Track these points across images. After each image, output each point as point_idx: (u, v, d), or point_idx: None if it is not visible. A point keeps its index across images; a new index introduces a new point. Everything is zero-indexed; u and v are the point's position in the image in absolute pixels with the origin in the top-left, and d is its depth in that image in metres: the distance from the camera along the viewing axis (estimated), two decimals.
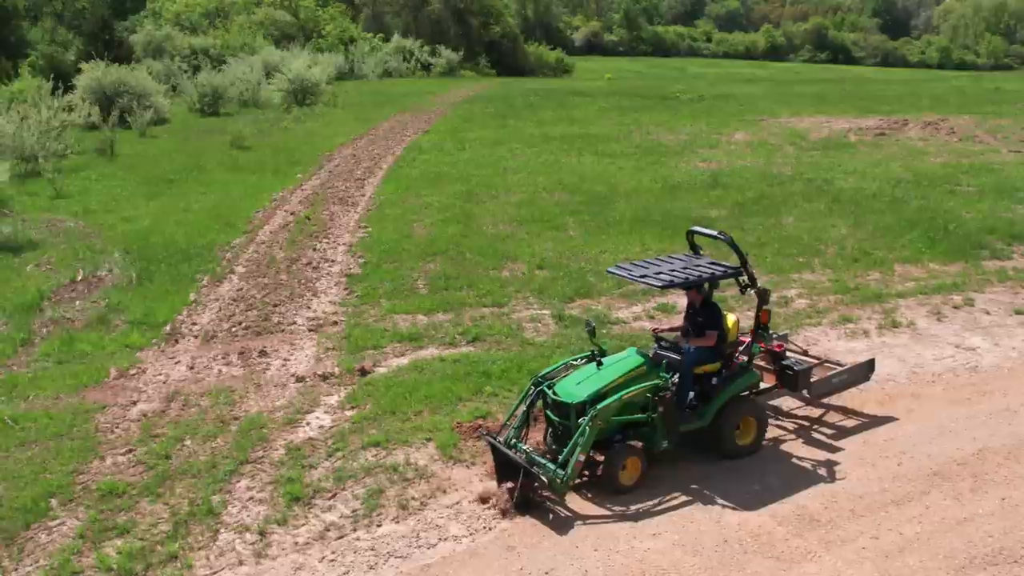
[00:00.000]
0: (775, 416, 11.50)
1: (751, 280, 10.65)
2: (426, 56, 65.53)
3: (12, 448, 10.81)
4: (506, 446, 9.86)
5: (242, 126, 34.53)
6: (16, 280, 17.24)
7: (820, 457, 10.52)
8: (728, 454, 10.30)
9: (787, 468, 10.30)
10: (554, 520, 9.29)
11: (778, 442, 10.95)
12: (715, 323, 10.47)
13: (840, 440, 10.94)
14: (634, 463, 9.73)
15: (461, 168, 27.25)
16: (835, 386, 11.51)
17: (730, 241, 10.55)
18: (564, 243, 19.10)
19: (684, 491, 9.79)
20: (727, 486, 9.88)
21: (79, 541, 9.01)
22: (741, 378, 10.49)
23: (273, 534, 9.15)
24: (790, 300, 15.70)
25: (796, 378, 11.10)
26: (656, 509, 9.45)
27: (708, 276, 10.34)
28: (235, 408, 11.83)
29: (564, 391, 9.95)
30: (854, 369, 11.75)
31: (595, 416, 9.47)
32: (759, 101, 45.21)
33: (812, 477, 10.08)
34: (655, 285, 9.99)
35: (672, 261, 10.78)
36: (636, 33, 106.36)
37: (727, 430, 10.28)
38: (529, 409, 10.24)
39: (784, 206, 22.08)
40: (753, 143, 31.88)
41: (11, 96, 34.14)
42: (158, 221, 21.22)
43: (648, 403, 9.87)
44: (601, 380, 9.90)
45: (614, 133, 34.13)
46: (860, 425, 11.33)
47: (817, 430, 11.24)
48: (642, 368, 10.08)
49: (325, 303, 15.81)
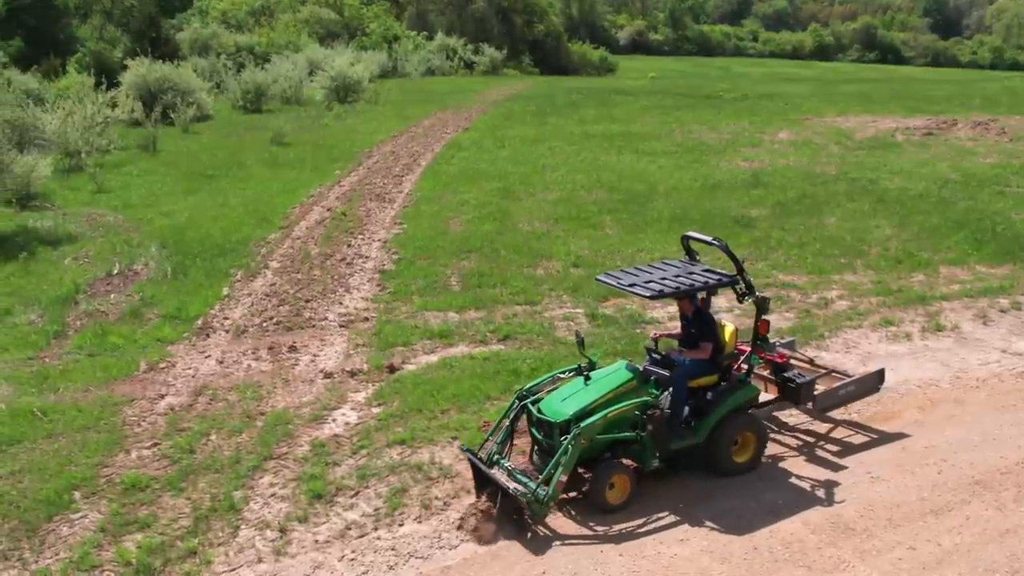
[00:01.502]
0: (811, 420, 11.17)
1: (749, 288, 10.09)
2: (469, 54, 65.41)
3: (39, 440, 10.82)
4: (488, 462, 9.45)
5: (283, 123, 34.61)
6: (54, 273, 17.35)
7: (856, 463, 10.18)
8: (725, 472, 9.77)
9: (821, 474, 9.98)
10: (578, 524, 9.08)
11: (813, 447, 10.64)
12: (709, 335, 9.95)
13: (878, 446, 10.60)
14: (622, 481, 9.26)
15: (500, 165, 27.07)
16: (841, 398, 10.88)
17: (725, 248, 10.04)
18: (600, 241, 18.85)
19: (711, 497, 9.54)
20: (759, 492, 9.61)
21: (100, 534, 8.97)
22: (738, 392, 9.94)
23: (293, 531, 9.04)
24: (830, 301, 15.33)
25: (798, 391, 10.53)
26: (680, 520, 9.20)
27: (701, 285, 9.74)
28: (262, 403, 11.76)
29: (549, 408, 9.48)
30: (863, 380, 11.13)
31: (579, 434, 8.99)
32: (804, 100, 44.53)
33: (847, 484, 9.75)
34: (644, 295, 9.54)
35: (666, 268, 10.17)
36: (681, 32, 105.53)
37: (724, 447, 9.74)
38: (512, 424, 9.79)
39: (827, 206, 21.65)
40: (797, 142, 31.37)
41: (58, 92, 34.51)
42: (195, 216, 21.28)
43: (638, 420, 9.39)
44: (587, 397, 9.41)
45: (655, 131, 33.76)
46: (899, 431, 10.95)
47: (854, 435, 10.90)
48: (631, 383, 9.59)
49: (357, 299, 15.71)
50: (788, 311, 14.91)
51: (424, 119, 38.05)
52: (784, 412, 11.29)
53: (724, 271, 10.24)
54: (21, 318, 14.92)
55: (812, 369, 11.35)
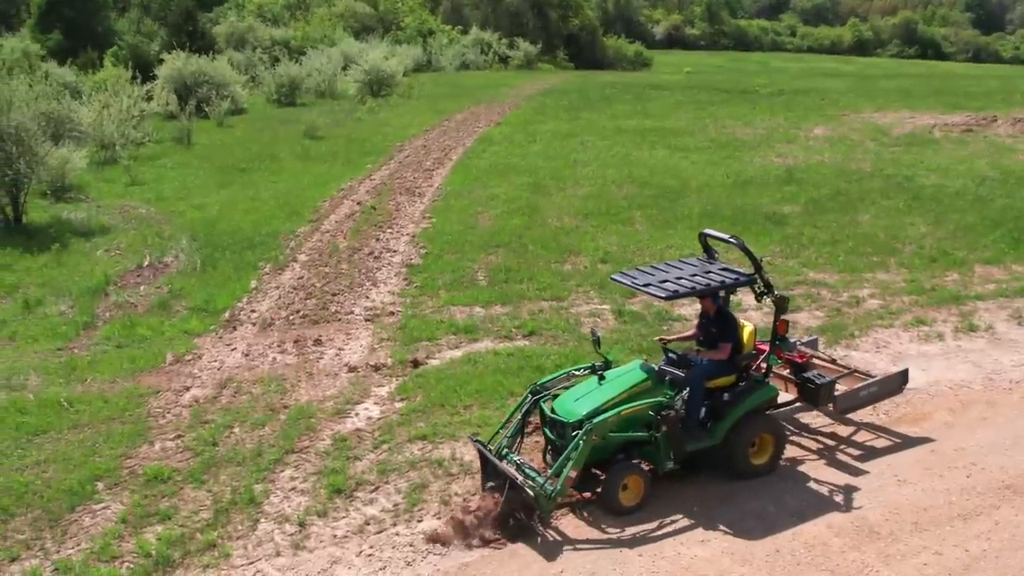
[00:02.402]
0: (838, 421, 10.98)
1: (767, 287, 9.89)
2: (504, 49, 65.23)
3: (65, 430, 10.91)
4: (497, 455, 9.29)
5: (316, 116, 34.73)
6: (85, 264, 17.51)
7: (883, 466, 10.00)
8: (742, 474, 9.56)
9: (846, 476, 9.81)
10: (596, 525, 8.99)
11: (839, 449, 10.47)
12: (729, 334, 9.73)
13: (906, 449, 10.40)
14: (636, 483, 9.09)
15: (530, 160, 26.97)
16: (863, 400, 10.62)
17: (742, 245, 9.82)
18: (629, 237, 18.71)
19: (733, 498, 9.41)
20: (782, 493, 9.47)
21: (121, 525, 9.02)
22: (756, 392, 9.72)
23: (312, 526, 9.03)
24: (862, 300, 15.10)
25: (818, 391, 10.30)
26: (701, 521, 9.08)
27: (718, 284, 9.54)
28: (285, 396, 11.78)
29: (562, 408, 9.33)
30: (885, 381, 10.85)
31: (591, 429, 8.84)
32: (842, 96, 43.99)
33: (873, 486, 9.57)
34: (659, 296, 9.34)
35: (682, 267, 9.96)
36: (718, 27, 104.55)
37: (740, 448, 9.53)
38: (524, 418, 9.68)
39: (861, 203, 21.35)
40: (832, 138, 30.99)
41: (94, 85, 34.80)
42: (227, 209, 21.39)
43: (652, 420, 9.20)
44: (601, 397, 9.26)
45: (689, 127, 33.50)
46: (929, 433, 10.75)
47: (882, 437, 10.71)
48: (646, 383, 9.42)
49: (384, 293, 15.70)
50: (818, 309, 14.71)
51: (457, 113, 38.01)
52: (810, 413, 11.12)
53: (742, 270, 10.04)
54: (52, 309, 15.07)
55: (834, 369, 11.10)
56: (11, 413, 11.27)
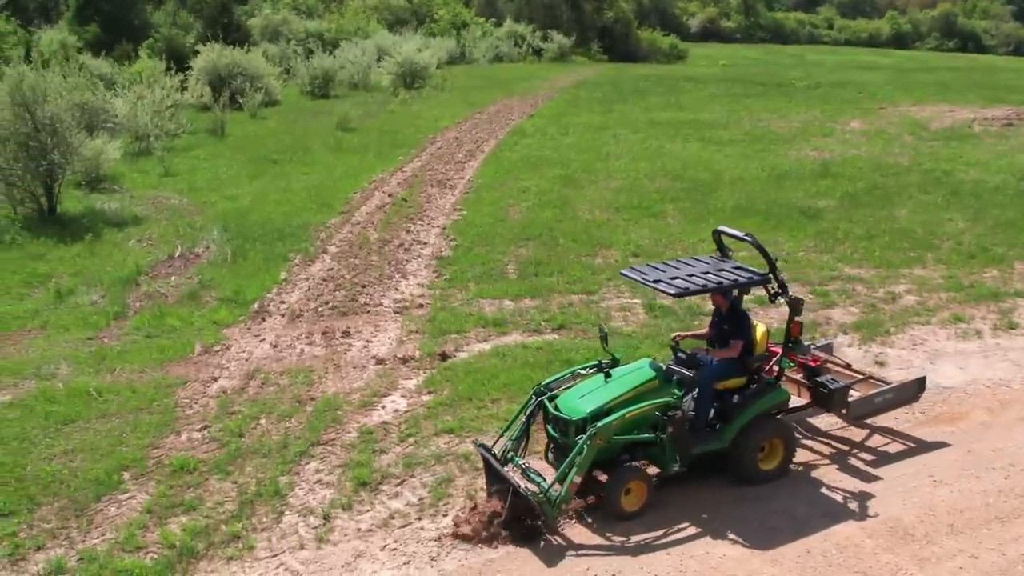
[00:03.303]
0: (876, 421, 10.75)
1: (781, 288, 9.59)
2: (538, 41, 64.97)
3: (93, 419, 10.94)
4: (502, 459, 9.09)
5: (349, 108, 34.73)
6: (117, 254, 17.59)
7: (918, 466, 9.77)
8: (749, 480, 9.28)
9: (880, 476, 9.60)
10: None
11: (871, 448, 10.26)
12: (741, 333, 9.44)
13: (942, 449, 10.16)
14: (639, 487, 8.84)
15: (563, 153, 26.80)
16: (877, 406, 10.26)
17: (756, 243, 9.55)
18: (661, 231, 18.52)
19: (764, 497, 9.24)
20: (814, 493, 9.30)
21: (146, 516, 9.02)
22: (767, 395, 9.42)
23: (337, 519, 8.98)
24: (898, 296, 14.82)
25: (831, 396, 9.90)
26: (731, 520, 8.92)
27: (730, 283, 9.25)
28: (312, 388, 11.74)
29: (566, 405, 9.10)
30: (901, 388, 10.49)
31: (595, 434, 8.57)
32: (879, 89, 43.36)
33: (908, 487, 9.35)
34: (668, 293, 9.07)
35: (695, 264, 9.67)
36: (754, 19, 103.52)
37: (749, 453, 9.25)
38: (529, 420, 9.37)
39: (898, 198, 20.99)
40: (869, 132, 30.54)
41: (130, 77, 35.07)
42: (258, 200, 21.42)
43: (658, 421, 8.93)
44: (607, 395, 9.00)
45: (723, 120, 33.16)
46: (966, 433, 10.51)
47: (916, 436, 10.48)
48: (653, 383, 9.14)
49: (413, 285, 15.64)
50: (853, 306, 14.45)
51: (489, 106, 37.90)
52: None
53: (755, 269, 9.75)
54: (83, 298, 15.13)
55: (848, 374, 10.73)
56: (41, 402, 11.32)
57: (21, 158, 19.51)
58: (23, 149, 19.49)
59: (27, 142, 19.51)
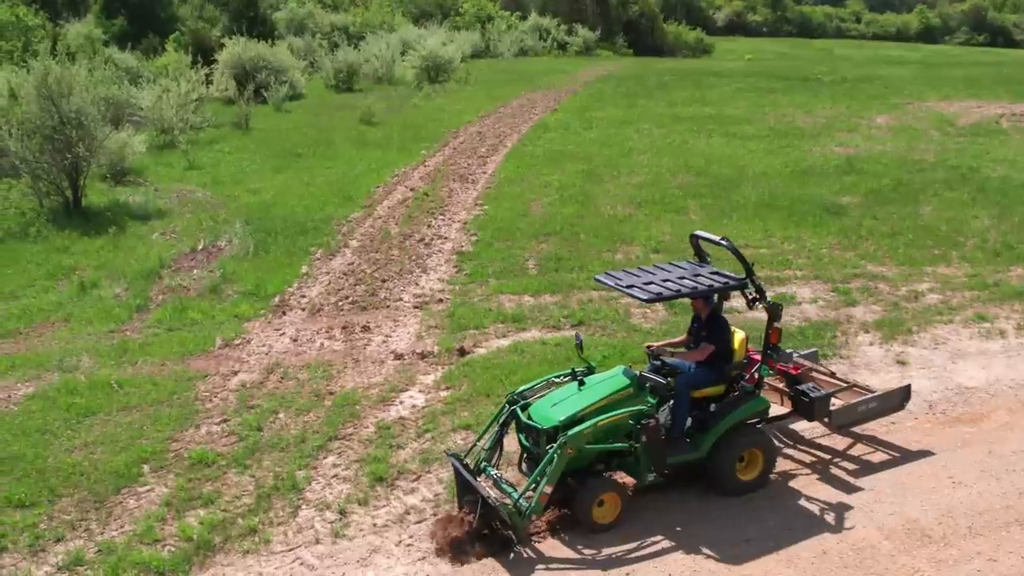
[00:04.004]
0: (892, 422, 10.66)
1: (759, 293, 9.36)
2: (562, 35, 64.87)
3: (114, 412, 11.04)
4: (475, 470, 8.91)
5: (373, 102, 34.81)
6: (141, 248, 17.72)
7: (938, 467, 9.69)
8: (728, 490, 9.07)
9: (898, 478, 9.52)
10: (638, 519, 8.84)
11: (889, 449, 10.18)
12: (714, 337, 9.25)
13: (962, 450, 10.07)
14: (612, 499, 8.63)
15: (585, 148, 26.74)
16: (861, 415, 10.05)
17: (732, 247, 9.33)
18: (683, 227, 18.38)
19: (779, 497, 9.20)
20: (831, 494, 9.24)
21: (164, 509, 9.09)
22: (745, 404, 9.18)
23: (353, 514, 9.02)
24: (921, 295, 14.70)
25: (811, 405, 9.68)
26: (746, 520, 8.88)
27: (706, 288, 9.06)
28: (331, 383, 11.78)
29: (537, 413, 8.89)
30: (885, 396, 10.24)
31: (564, 443, 8.37)
32: (906, 84, 42.98)
33: (927, 488, 9.28)
34: (640, 299, 8.77)
35: (672, 270, 9.50)
36: (781, 13, 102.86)
37: (727, 463, 9.03)
38: (503, 429, 9.17)
39: (923, 194, 20.80)
40: (895, 127, 30.28)
41: (156, 70, 35.27)
42: (281, 194, 21.51)
43: (632, 430, 8.73)
44: (579, 403, 8.80)
45: (748, 115, 32.97)
46: (987, 433, 10.41)
47: (936, 436, 10.38)
48: (627, 390, 8.91)
49: (433, 280, 15.66)
50: (875, 304, 14.34)
51: (513, 100, 37.85)
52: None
53: (733, 274, 9.47)
54: (107, 291, 15.26)
55: (832, 383, 10.52)
56: (63, 394, 11.43)
57: (47, 151, 19.66)
58: (49, 142, 19.63)
59: (53, 135, 19.65)
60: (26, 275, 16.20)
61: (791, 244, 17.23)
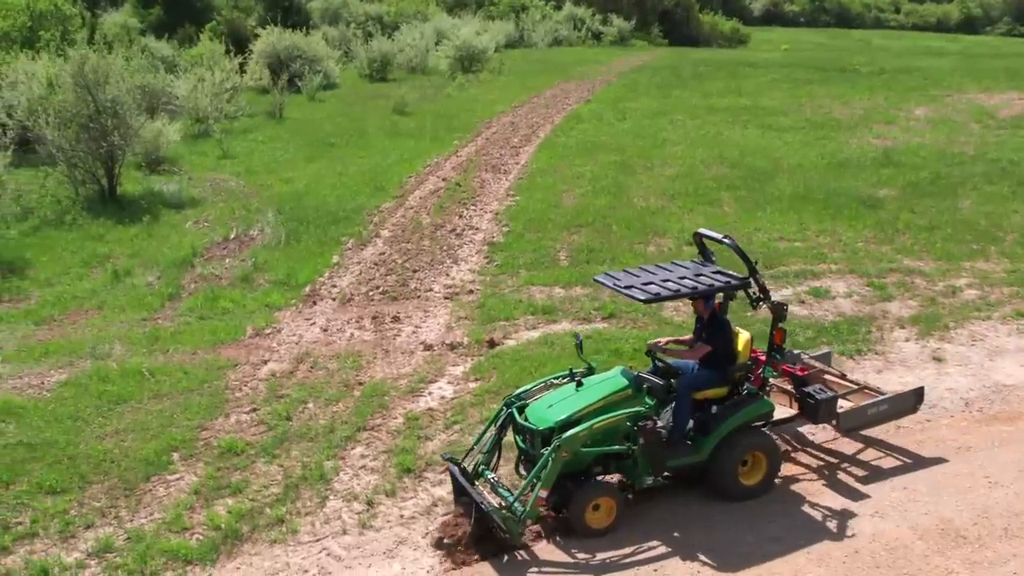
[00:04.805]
0: (927, 420, 10.49)
1: (763, 292, 9.12)
2: (597, 25, 64.47)
3: (146, 400, 11.11)
4: (472, 473, 8.77)
5: (406, 92, 34.79)
6: (174, 236, 17.83)
7: (974, 467, 9.52)
8: (730, 495, 8.85)
9: (934, 477, 9.36)
10: (668, 515, 8.76)
11: (925, 445, 10.01)
12: (713, 338, 9.03)
13: (999, 449, 9.89)
14: (607, 504, 8.45)
15: (619, 138, 26.56)
16: (870, 418, 9.73)
17: (734, 246, 9.07)
18: (717, 219, 18.24)
19: (811, 495, 9.08)
20: (864, 492, 9.10)
21: (193, 497, 9.13)
22: (748, 406, 8.94)
23: (380, 505, 9.01)
24: (958, 290, 14.46)
25: (817, 407, 9.36)
26: (778, 517, 8.76)
27: (706, 288, 8.81)
28: (360, 373, 11.79)
29: (534, 414, 8.72)
30: (897, 399, 9.91)
31: (559, 446, 8.20)
32: (946, 75, 42.28)
33: (962, 488, 9.12)
34: (638, 299, 8.54)
35: (673, 269, 9.25)
36: (818, 3, 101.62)
37: (729, 467, 8.80)
38: (500, 432, 9.00)
39: (962, 188, 20.45)
40: (934, 119, 29.81)
41: (191, 59, 35.45)
42: (313, 183, 21.56)
43: (631, 432, 8.52)
44: (575, 404, 8.61)
45: (783, 106, 32.58)
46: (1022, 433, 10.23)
47: (972, 435, 10.20)
48: (625, 392, 8.73)
49: (464, 271, 15.62)
50: (912, 299, 14.12)
51: (546, 90, 37.67)
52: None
53: (735, 273, 9.16)
54: (140, 279, 15.37)
55: (842, 385, 10.25)
56: (95, 381, 11.52)
57: (83, 139, 19.81)
58: (85, 131, 19.79)
59: (89, 124, 19.80)
60: (61, 262, 16.36)
61: (826, 237, 17.01)
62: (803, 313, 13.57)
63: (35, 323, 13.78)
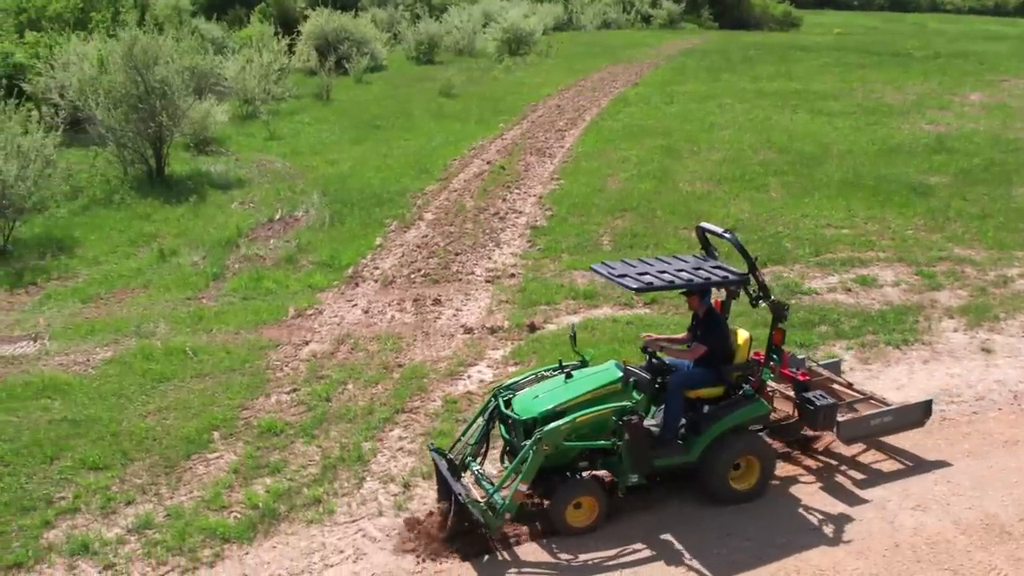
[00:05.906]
0: (975, 412, 10.27)
1: (763, 290, 8.86)
2: (647, 7, 63.88)
3: (188, 379, 11.23)
4: (459, 464, 8.61)
5: (453, 74, 34.76)
6: (220, 216, 17.98)
7: (1021, 461, 9.32)
8: (719, 498, 8.56)
9: (980, 472, 9.18)
10: (704, 506, 8.67)
11: (971, 439, 9.81)
12: (707, 338, 8.77)
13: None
14: (589, 502, 8.21)
15: (666, 122, 26.30)
16: (872, 429, 9.37)
17: (735, 241, 8.81)
18: (763, 205, 18.03)
19: (852, 487, 8.94)
20: (908, 484, 8.95)
21: (232, 476, 9.21)
22: (742, 408, 8.60)
23: (416, 487, 9.03)
24: (1010, 280, 14.14)
25: (816, 415, 8.97)
26: (817, 510, 8.64)
27: (702, 282, 8.53)
28: (400, 355, 11.81)
29: (519, 405, 8.52)
30: (902, 410, 9.57)
31: (540, 439, 7.95)
32: (1003, 60, 41.30)
33: (1009, 483, 8.93)
34: (630, 287, 8.25)
35: (671, 262, 8.94)
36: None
37: (719, 469, 8.49)
38: (488, 423, 8.81)
39: (1016, 175, 19.98)
40: (989, 105, 29.14)
41: (240, 41, 35.68)
42: (358, 165, 21.62)
43: (617, 427, 8.24)
44: (561, 396, 8.39)
45: (834, 90, 32.05)
46: None
47: (1019, 429, 9.97)
48: (614, 386, 8.47)
49: (507, 254, 15.59)
50: (961, 288, 13.84)
51: (593, 73, 37.42)
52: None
53: (735, 268, 8.98)
54: (185, 259, 15.53)
55: (849, 393, 9.96)
56: (139, 359, 11.67)
57: (132, 120, 20.01)
58: (134, 111, 19.99)
59: (138, 104, 20.01)
60: (109, 241, 16.58)
61: (874, 224, 16.72)
62: (849, 302, 13.37)
63: (82, 301, 13.99)
